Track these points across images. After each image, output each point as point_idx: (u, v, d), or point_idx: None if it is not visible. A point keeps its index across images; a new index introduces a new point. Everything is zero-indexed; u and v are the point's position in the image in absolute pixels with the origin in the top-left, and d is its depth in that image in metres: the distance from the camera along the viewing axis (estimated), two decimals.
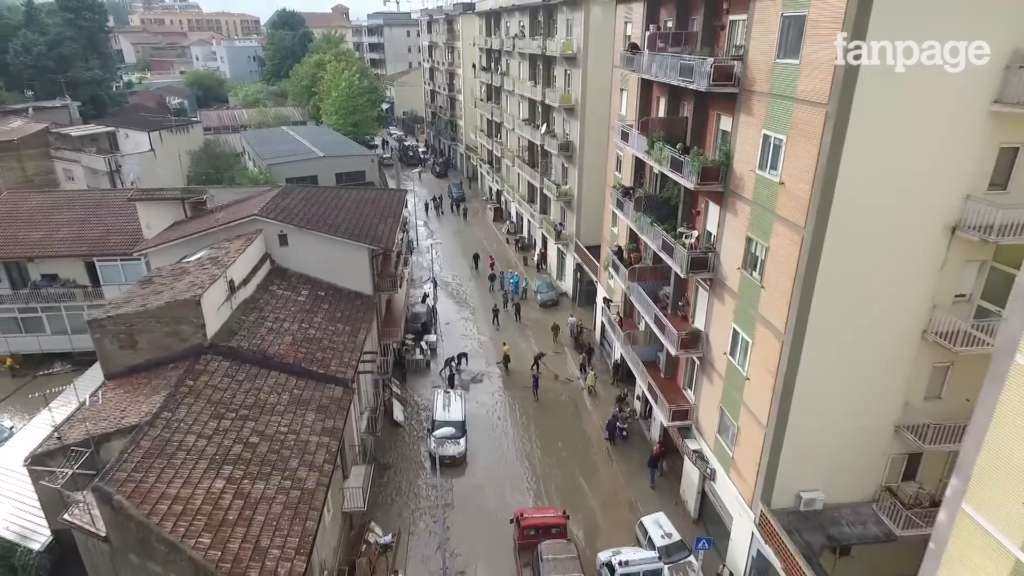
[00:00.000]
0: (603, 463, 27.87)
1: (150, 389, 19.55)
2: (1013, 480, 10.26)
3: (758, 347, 18.61)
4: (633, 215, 26.09)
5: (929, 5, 13.64)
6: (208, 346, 20.84)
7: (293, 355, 22.28)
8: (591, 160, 38.16)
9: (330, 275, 28.04)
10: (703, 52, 20.65)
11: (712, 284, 21.43)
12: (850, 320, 16.50)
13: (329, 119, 74.33)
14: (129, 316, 20.46)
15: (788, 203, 16.59)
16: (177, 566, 14.48)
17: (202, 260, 24.56)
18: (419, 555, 22.72)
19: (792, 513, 18.83)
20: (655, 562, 20.70)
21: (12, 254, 31.33)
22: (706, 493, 23.34)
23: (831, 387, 17.28)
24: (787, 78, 16.30)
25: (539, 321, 40.19)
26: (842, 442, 18.00)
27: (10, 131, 50.94)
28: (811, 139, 15.34)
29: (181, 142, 52.30)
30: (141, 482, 15.26)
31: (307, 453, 18.46)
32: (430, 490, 25.82)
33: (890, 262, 15.97)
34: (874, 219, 15.45)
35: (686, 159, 20.56)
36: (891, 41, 13.76)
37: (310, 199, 30.89)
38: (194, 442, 17.14)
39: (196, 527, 14.77)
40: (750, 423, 19.33)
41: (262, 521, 15.67)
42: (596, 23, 35.88)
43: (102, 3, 77.36)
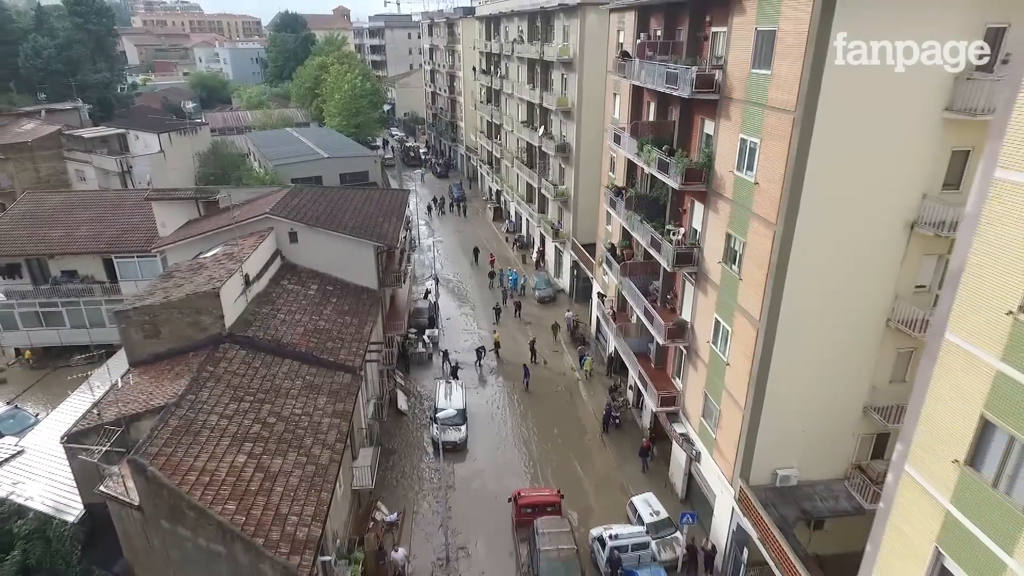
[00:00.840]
0: (597, 449, 29.35)
1: (173, 375, 21.05)
2: (944, 444, 11.76)
3: (737, 335, 20.12)
4: (625, 213, 27.60)
5: (882, 30, 15.08)
6: (226, 335, 22.33)
7: (305, 344, 23.78)
8: (587, 161, 39.66)
9: (338, 271, 29.51)
10: (688, 61, 22.13)
11: (696, 277, 22.93)
12: (819, 309, 17.99)
13: (332, 121, 75.79)
14: (153, 307, 21.98)
15: (762, 202, 18.10)
16: (206, 530, 15.99)
17: (218, 256, 26.08)
18: (423, 532, 24.22)
19: (769, 489, 20.32)
20: (643, 536, 22.20)
21: (34, 251, 32.82)
22: (692, 475, 24.83)
23: (803, 371, 18.78)
24: (760, 87, 17.80)
25: (538, 316, 41.68)
26: (814, 422, 19.48)
27: (24, 133, 52.48)
28: (781, 143, 16.85)
29: (190, 144, 53.77)
30: (171, 456, 16.74)
31: (320, 433, 19.96)
32: (433, 473, 27.34)
33: (855, 255, 17.46)
34: (839, 216, 16.94)
35: (671, 161, 22.06)
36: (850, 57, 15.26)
37: (318, 198, 32.38)
38: (217, 421, 18.64)
39: (222, 496, 16.27)
40: (731, 406, 20.84)
41: (281, 491, 17.18)
42: (591, 30, 37.36)
43: (110, 7, 78.93)
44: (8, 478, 21.78)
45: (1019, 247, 10.02)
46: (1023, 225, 9.94)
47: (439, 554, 23.15)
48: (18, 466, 22.54)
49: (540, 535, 21.39)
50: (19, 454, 23.42)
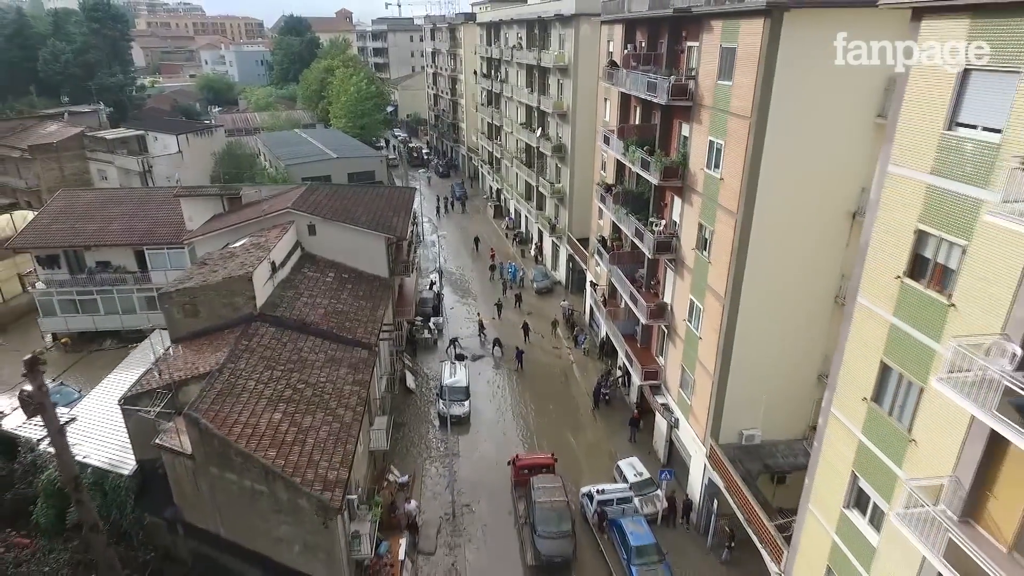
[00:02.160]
0: (589, 423, 32.19)
1: (212, 348, 23.90)
2: (856, 386, 14.61)
3: (707, 311, 22.98)
4: (613, 208, 30.46)
5: (814, 49, 17.87)
6: (257, 315, 25.15)
7: (326, 324, 26.62)
8: (581, 161, 42.47)
9: (352, 260, 32.32)
10: (666, 72, 24.99)
11: (675, 263, 25.78)
12: (776, 287, 20.84)
13: (338, 122, 78.59)
14: (193, 290, 24.83)
15: (726, 194, 20.96)
16: (250, 472, 18.84)
17: (246, 246, 28.93)
18: (431, 492, 27.08)
19: (736, 447, 23.16)
20: (627, 492, 25.06)
21: (71, 243, 35.64)
22: (672, 441, 27.67)
23: (763, 342, 21.63)
24: (724, 95, 20.66)
25: (536, 306, 44.54)
26: (774, 388, 22.30)
27: (49, 134, 55.35)
28: (740, 144, 19.70)
29: (206, 144, 56.60)
30: (218, 413, 19.58)
31: (343, 397, 22.80)
32: (439, 443, 30.19)
33: (805, 240, 20.30)
34: (790, 207, 19.79)
35: (652, 160, 24.93)
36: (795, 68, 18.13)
37: (333, 195, 35.21)
38: (254, 386, 21.48)
39: (263, 445, 19.11)
40: (703, 375, 23.70)
41: (312, 443, 20.02)
42: (585, 39, 40.17)
43: (124, 13, 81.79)
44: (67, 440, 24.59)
45: (905, 225, 12.86)
46: (907, 209, 12.78)
47: (446, 510, 26.00)
48: (72, 431, 25.35)
49: (536, 490, 24.26)
50: (71, 421, 26.19)
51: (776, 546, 18.92)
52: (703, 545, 24.32)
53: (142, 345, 31.23)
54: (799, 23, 17.72)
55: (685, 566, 23.14)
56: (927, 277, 12.48)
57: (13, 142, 55.25)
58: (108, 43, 77.52)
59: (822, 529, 16.38)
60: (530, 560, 23.08)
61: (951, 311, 11.72)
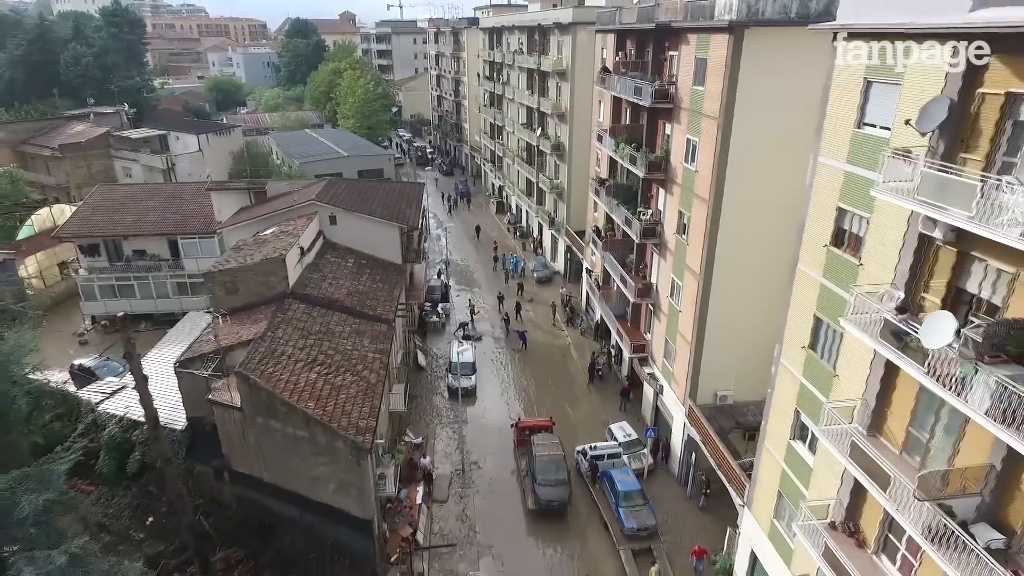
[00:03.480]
0: (584, 396, 35.47)
1: (251, 321, 27.17)
2: (798, 337, 17.89)
3: (686, 288, 26.25)
4: (606, 200, 33.74)
5: (770, 61, 21.18)
6: (289, 293, 28.41)
7: (349, 301, 29.89)
8: (578, 158, 45.76)
9: (369, 248, 35.57)
10: (652, 78, 28.26)
11: (659, 247, 29.05)
12: (742, 263, 24.08)
13: (346, 122, 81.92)
14: (233, 270, 28.14)
15: (700, 184, 24.23)
16: (293, 421, 22.11)
17: (275, 233, 32.21)
18: (442, 452, 30.37)
19: (712, 407, 26.41)
20: (617, 449, 28.34)
21: (111, 233, 38.93)
22: (658, 407, 30.93)
23: (733, 312, 24.86)
24: (698, 99, 23.94)
25: (537, 294, 47.83)
26: (744, 354, 25.48)
27: (77, 134, 58.70)
28: (711, 140, 22.97)
29: (224, 143, 59.91)
30: (263, 372, 22.85)
31: (367, 363, 26.07)
32: (448, 411, 33.49)
33: (766, 222, 23.48)
34: (753, 194, 23.03)
35: (638, 155, 28.20)
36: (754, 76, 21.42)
37: (351, 189, 38.53)
38: (291, 351, 24.74)
39: (303, 398, 22.38)
40: (683, 344, 26.97)
41: (344, 398, 23.29)
42: (581, 45, 43.45)
43: (141, 18, 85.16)
44: (120, 403, 27.93)
45: (829, 205, 16.12)
46: (831, 191, 16.04)
47: (456, 466, 29.29)
48: (126, 397, 28.67)
49: (536, 446, 27.55)
50: (122, 389, 29.61)
51: (740, 483, 22.20)
52: (683, 494, 27.60)
53: (177, 325, 34.61)
54: (757, 39, 21.00)
55: (667, 511, 26.40)
56: (844, 244, 15.77)
57: (43, 141, 58.62)
58: (125, 46, 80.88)
59: (774, 461, 19.66)
60: (531, 505, 26.38)
61: (860, 269, 15.00)
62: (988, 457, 11.78)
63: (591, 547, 25.13)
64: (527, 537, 25.77)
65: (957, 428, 12.58)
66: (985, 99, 11.63)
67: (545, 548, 25.23)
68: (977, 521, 11.82)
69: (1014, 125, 11.26)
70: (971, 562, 11.10)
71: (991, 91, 11.50)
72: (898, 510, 12.69)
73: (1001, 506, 11.72)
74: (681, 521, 26.15)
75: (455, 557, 24.66)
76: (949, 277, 12.63)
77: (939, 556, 11.63)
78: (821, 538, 15.81)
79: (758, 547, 20.97)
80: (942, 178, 11.42)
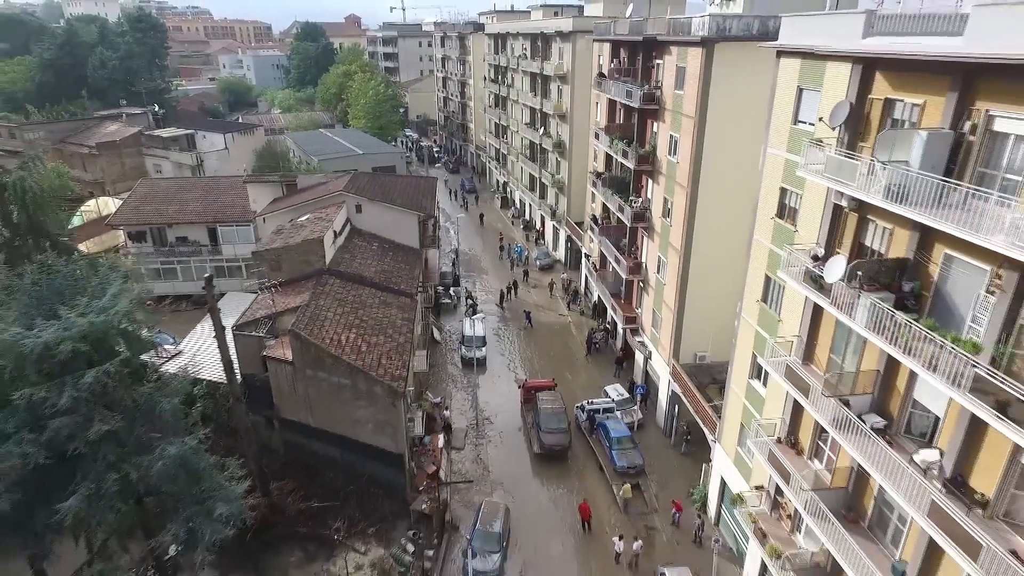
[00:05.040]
0: (582, 365, 39.74)
1: (295, 293, 31.45)
2: (754, 293, 22.16)
3: (669, 263, 30.52)
4: (602, 190, 38.03)
5: (736, 70, 25.42)
6: (326, 269, 32.71)
7: (376, 278, 34.20)
8: (577, 154, 50.03)
9: (390, 234, 39.86)
10: (641, 83, 32.54)
11: (648, 230, 33.33)
12: (715, 239, 28.29)
13: (357, 122, 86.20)
14: (278, 250, 32.46)
15: (681, 174, 28.51)
16: (338, 371, 26.37)
17: (310, 219, 36.51)
18: (458, 410, 34.64)
19: (692, 366, 30.65)
20: (611, 404, 32.63)
21: (157, 221, 43.24)
22: (647, 371, 35.20)
23: (708, 282, 29.10)
24: (679, 101, 28.22)
25: (540, 280, 52.17)
26: (720, 320, 29.62)
27: (112, 133, 63.06)
28: (689, 136, 27.25)
29: (247, 142, 64.22)
30: (311, 331, 27.13)
31: (396, 327, 30.34)
32: (462, 377, 37.78)
33: (733, 203, 27.59)
34: (725, 180, 27.26)
35: (629, 150, 32.49)
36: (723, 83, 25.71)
37: (373, 181, 42.83)
38: (332, 316, 29.02)
39: (346, 352, 26.64)
40: (667, 312, 31.25)
41: (379, 353, 27.57)
42: (580, 52, 47.70)
43: (163, 23, 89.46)
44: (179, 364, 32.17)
45: (775, 185, 20.39)
46: (776, 175, 20.31)
47: (471, 421, 33.56)
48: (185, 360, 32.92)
49: (541, 400, 31.87)
50: (178, 354, 33.88)
51: (712, 423, 26.47)
52: (668, 443, 31.89)
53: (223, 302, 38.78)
54: (725, 52, 25.30)
55: (653, 456, 30.65)
56: (786, 216, 20.05)
57: (80, 140, 62.97)
58: (149, 50, 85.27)
59: (737, 399, 23.94)
60: (536, 449, 30.67)
61: (796, 234, 19.27)
62: (876, 365, 16.06)
63: (588, 484, 29.39)
64: (533, 477, 30.06)
65: (860, 349, 16.86)
66: (873, 103, 15.91)
67: (548, 485, 29.51)
68: (868, 412, 16.10)
69: (891, 121, 15.54)
70: (862, 440, 15.36)
71: (876, 96, 15.78)
72: (816, 410, 16.96)
73: (884, 400, 16.00)
74: (665, 463, 30.43)
75: (472, 491, 28.94)
76: (854, 235, 16.91)
77: (842, 438, 15.90)
78: (767, 447, 20.09)
79: (726, 472, 25.26)
80: (840, 160, 15.70)
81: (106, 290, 17.61)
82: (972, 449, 13.43)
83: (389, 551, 24.88)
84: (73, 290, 17.74)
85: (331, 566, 24.52)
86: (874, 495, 16.74)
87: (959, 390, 12.14)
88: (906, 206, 13.46)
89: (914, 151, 13.50)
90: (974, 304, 13.22)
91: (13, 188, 30.02)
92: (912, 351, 13.29)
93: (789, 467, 19.21)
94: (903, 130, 14.47)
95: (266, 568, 24.38)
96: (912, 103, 14.77)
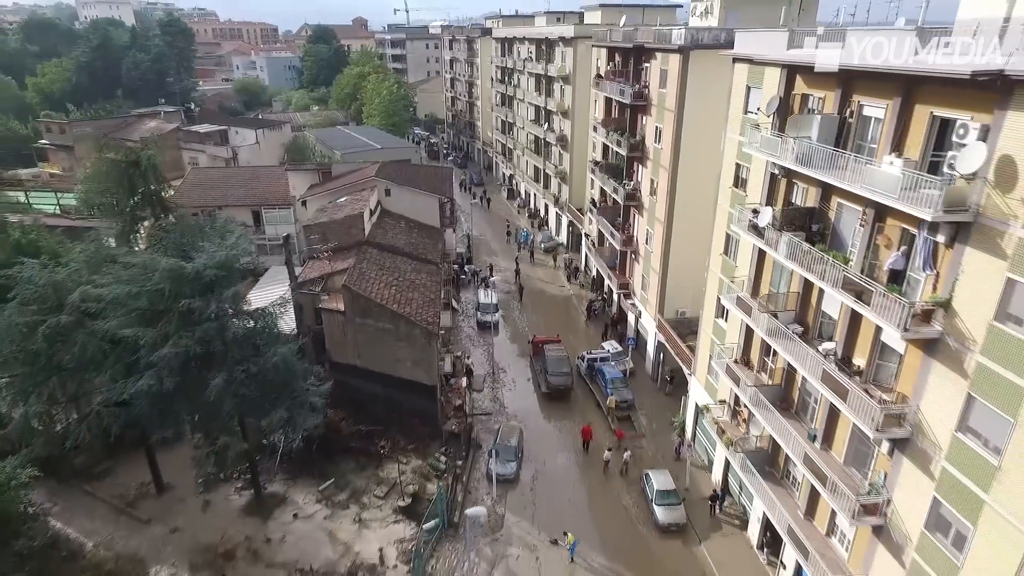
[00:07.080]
0: (583, 329, 45.64)
1: (340, 259, 37.35)
2: (718, 249, 28.05)
3: (655, 234, 36.42)
4: (600, 176, 43.94)
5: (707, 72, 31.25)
6: (365, 241, 38.59)
7: (407, 249, 40.10)
8: (578, 147, 55.86)
9: (414, 215, 45.74)
10: (632, 83, 38.44)
11: (638, 207, 39.24)
12: (696, 213, 34.08)
13: (372, 120, 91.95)
14: (324, 224, 38.39)
15: (664, 158, 34.41)
16: (383, 317, 32.23)
17: (348, 200, 42.44)
18: (476, 362, 40.54)
19: (675, 320, 36.50)
20: (607, 355, 38.54)
21: (208, 204, 49.09)
22: (638, 330, 41.08)
23: (689, 249, 34.91)
24: (662, 98, 34.14)
25: (544, 260, 58.14)
26: (698, 279, 35.47)
27: (151, 129, 68.94)
28: (671, 127, 33.15)
29: (276, 137, 70.07)
30: (359, 287, 33.01)
31: (426, 287, 36.19)
32: (479, 336, 43.69)
33: (708, 181, 33.52)
34: (698, 161, 33.04)
35: (622, 140, 38.41)
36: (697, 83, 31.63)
37: (399, 169, 48.79)
38: (374, 276, 34.90)
39: (388, 303, 32.52)
40: (653, 276, 37.14)
41: (415, 305, 33.44)
42: (581, 55, 53.53)
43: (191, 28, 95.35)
44: None
45: (732, 162, 26.28)
46: (732, 154, 26.20)
47: (487, 370, 39.48)
48: None
49: (547, 349, 37.81)
50: None
51: (689, 360, 32.36)
52: (654, 386, 37.81)
53: (266, 274, 44.67)
54: (698, 58, 31.22)
55: (643, 396, 36.53)
56: (739, 185, 25.97)
57: (124, 135, 68.83)
58: (177, 53, 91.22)
59: (707, 336, 29.83)
60: (544, 389, 36.60)
61: (745, 198, 25.16)
62: (797, 288, 21.97)
63: (588, 418, 35.24)
64: (540, 412, 35.96)
65: (788, 279, 22.75)
66: (794, 97, 21.83)
67: (553, 418, 35.41)
68: (791, 323, 22.00)
69: (807, 110, 21.44)
70: (790, 344, 21.22)
71: (797, 92, 21.70)
72: (756, 324, 22.86)
73: (803, 314, 21.91)
74: (652, 400, 36.36)
75: (491, 421, 34.83)
76: (784, 194, 22.81)
77: (774, 342, 21.79)
78: (726, 364, 25.98)
79: (699, 397, 31.14)
80: (770, 138, 21.60)
81: (226, 237, 23.53)
82: (853, 338, 19.36)
83: (426, 460, 30.79)
84: (201, 236, 23.68)
85: (380, 472, 30.40)
86: (798, 387, 22.66)
87: (835, 288, 18.05)
88: (809, 168, 19.37)
89: (813, 130, 19.42)
90: (852, 235, 19.15)
91: (147, 163, 37.30)
92: (812, 270, 19.21)
93: (741, 375, 25.11)
94: (805, 115, 20.45)
95: (328, 473, 30.24)
96: (818, 96, 20.70)
